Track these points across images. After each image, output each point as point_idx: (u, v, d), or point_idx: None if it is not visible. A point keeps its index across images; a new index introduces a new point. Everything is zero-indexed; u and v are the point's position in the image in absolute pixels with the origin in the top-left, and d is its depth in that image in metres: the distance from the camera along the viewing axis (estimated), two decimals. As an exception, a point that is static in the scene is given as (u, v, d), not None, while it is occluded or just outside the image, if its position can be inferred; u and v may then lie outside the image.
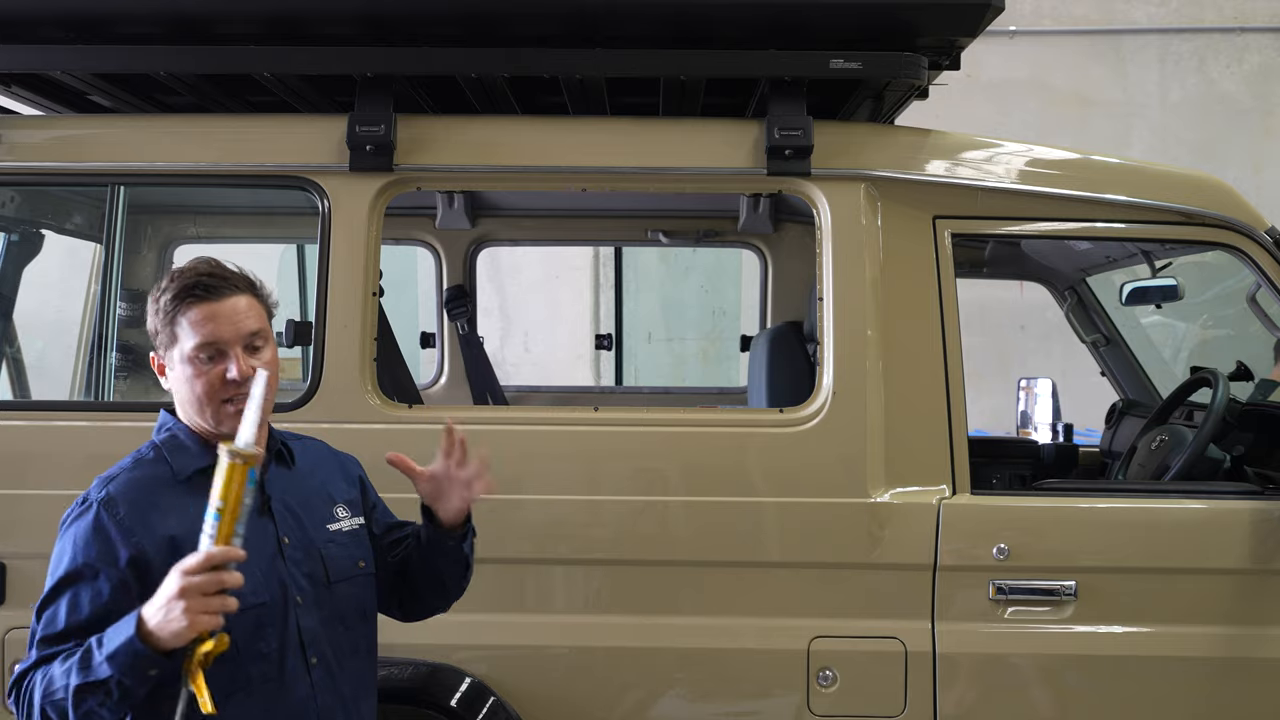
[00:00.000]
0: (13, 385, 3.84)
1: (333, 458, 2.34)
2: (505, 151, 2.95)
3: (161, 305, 2.09)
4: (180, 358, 2.07)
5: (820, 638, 2.83)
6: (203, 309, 2.06)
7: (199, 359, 2.06)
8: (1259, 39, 8.24)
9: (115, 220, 3.29)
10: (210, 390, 2.06)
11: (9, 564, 2.85)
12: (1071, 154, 3.07)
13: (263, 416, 1.96)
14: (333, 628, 2.16)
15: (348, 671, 2.18)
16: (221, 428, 2.08)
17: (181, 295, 2.07)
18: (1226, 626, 2.85)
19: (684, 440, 2.87)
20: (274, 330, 2.18)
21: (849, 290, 2.87)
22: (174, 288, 2.08)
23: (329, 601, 2.16)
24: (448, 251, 4.66)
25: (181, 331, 2.06)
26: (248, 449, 1.88)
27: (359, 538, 2.24)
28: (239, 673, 2.04)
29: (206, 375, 2.06)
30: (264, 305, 2.15)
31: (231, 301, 2.08)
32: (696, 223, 4.58)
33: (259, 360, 2.08)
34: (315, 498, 2.22)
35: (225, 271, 2.12)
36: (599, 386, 7.69)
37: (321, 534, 2.19)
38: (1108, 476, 4.00)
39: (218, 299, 2.07)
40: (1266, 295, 2.96)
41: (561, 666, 2.86)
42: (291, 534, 2.14)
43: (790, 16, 2.76)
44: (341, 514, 2.24)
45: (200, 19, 2.80)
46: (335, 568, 2.17)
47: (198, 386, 2.06)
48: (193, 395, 2.07)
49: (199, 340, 2.05)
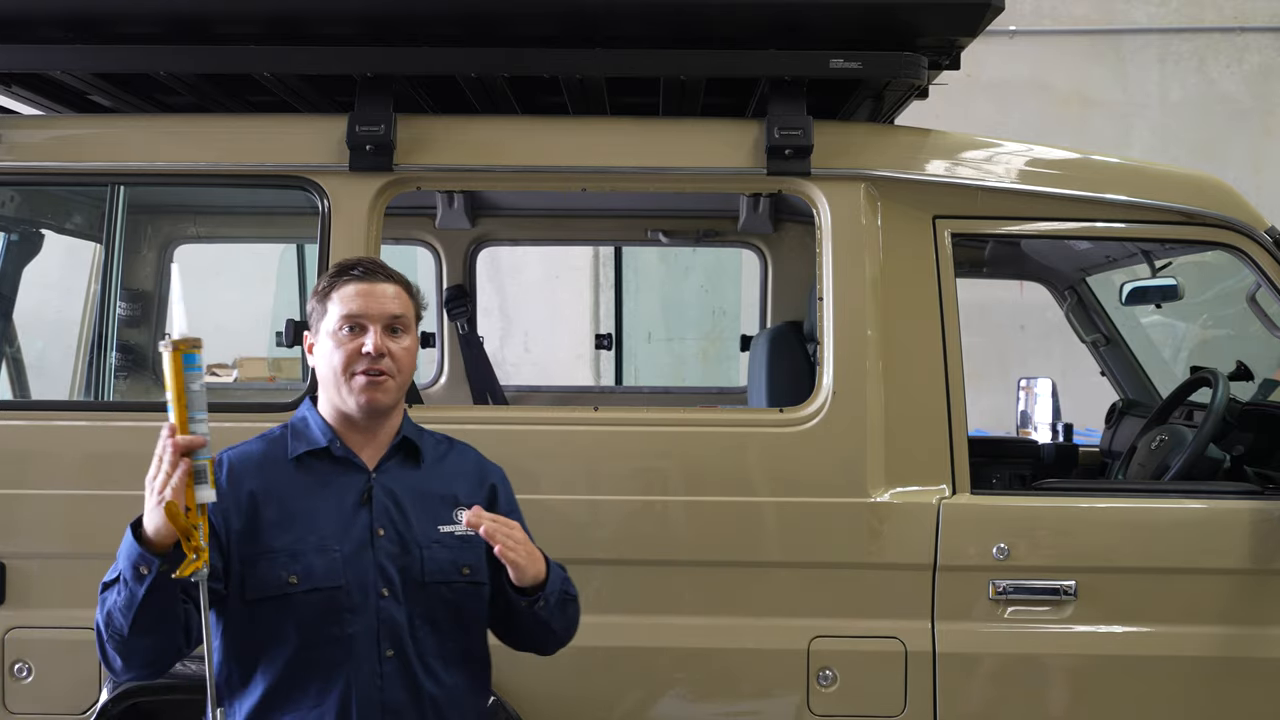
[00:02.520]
0: (13, 385, 3.84)
1: (475, 464, 2.36)
2: (505, 151, 2.95)
3: (320, 286, 2.25)
4: (326, 332, 2.20)
5: (820, 637, 2.83)
6: (356, 287, 2.20)
7: (341, 331, 2.17)
8: (1259, 39, 8.24)
9: (115, 220, 3.29)
10: (346, 360, 2.17)
11: (9, 564, 2.85)
12: (1071, 154, 3.07)
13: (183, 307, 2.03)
14: (420, 627, 2.19)
15: (433, 674, 2.19)
16: (352, 400, 2.18)
17: (339, 274, 2.23)
18: (1226, 626, 2.85)
19: (684, 440, 2.87)
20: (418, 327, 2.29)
21: (849, 290, 2.87)
22: (334, 269, 2.25)
23: (420, 599, 2.19)
24: (448, 251, 4.66)
25: (332, 306, 2.20)
26: (177, 337, 1.94)
27: (471, 544, 2.22)
28: (307, 652, 2.12)
29: (346, 346, 2.17)
30: (414, 302, 2.27)
31: (383, 286, 2.21)
32: (696, 223, 4.58)
33: (397, 344, 2.19)
34: (434, 497, 2.25)
35: (384, 266, 2.27)
36: (599, 386, 7.69)
37: (430, 533, 2.21)
38: (1108, 476, 4.00)
39: (371, 280, 2.21)
40: (1266, 295, 2.96)
41: (561, 666, 2.84)
42: (389, 527, 2.19)
43: (790, 16, 2.76)
44: (457, 516, 2.24)
45: (200, 19, 2.80)
46: (432, 568, 2.19)
47: (336, 357, 2.17)
48: (329, 367, 2.19)
49: (345, 312, 2.18)
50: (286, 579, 2.12)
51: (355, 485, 2.20)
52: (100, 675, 2.80)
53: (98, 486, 2.80)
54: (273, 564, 2.12)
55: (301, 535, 2.14)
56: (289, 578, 2.12)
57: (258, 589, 2.12)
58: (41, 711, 2.82)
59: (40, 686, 2.83)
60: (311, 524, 2.16)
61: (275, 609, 2.12)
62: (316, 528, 2.15)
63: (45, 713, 2.82)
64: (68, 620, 2.80)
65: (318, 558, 2.14)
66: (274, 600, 2.12)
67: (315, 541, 2.14)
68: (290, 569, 2.12)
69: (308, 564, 2.13)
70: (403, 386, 2.22)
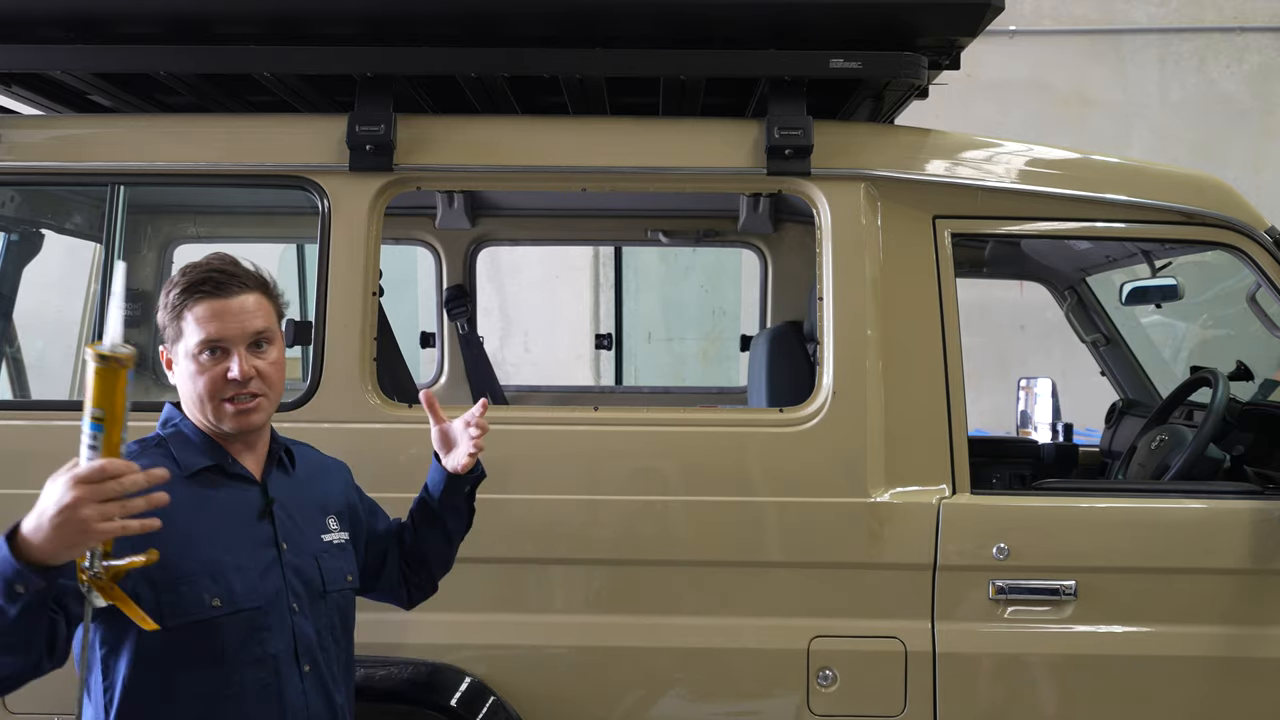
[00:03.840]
0: (13, 385, 3.84)
1: (324, 465, 2.33)
2: (505, 151, 2.95)
3: (170, 300, 2.07)
4: (184, 354, 2.06)
5: (820, 637, 2.83)
6: (209, 305, 2.04)
7: (201, 356, 2.04)
8: (1259, 39, 8.24)
9: (115, 220, 3.29)
10: (212, 388, 2.05)
11: (9, 564, 2.84)
12: (1071, 154, 3.07)
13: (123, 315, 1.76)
14: (325, 637, 2.15)
15: (339, 682, 2.18)
16: (222, 425, 2.08)
17: (189, 291, 2.05)
18: (1226, 626, 2.85)
19: (684, 440, 2.87)
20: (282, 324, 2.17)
21: (849, 290, 2.87)
22: (183, 283, 2.06)
23: (323, 611, 2.15)
24: (448, 251, 4.66)
25: (187, 327, 2.04)
26: (120, 349, 1.69)
27: (347, 552, 2.24)
28: (233, 676, 2.02)
29: (209, 373, 2.04)
30: (274, 304, 2.13)
31: (240, 299, 2.06)
32: (696, 223, 4.58)
33: (263, 360, 2.07)
34: (311, 506, 2.21)
35: (236, 269, 2.09)
36: (599, 386, 7.69)
37: (317, 543, 2.18)
38: (1108, 476, 4.00)
39: (225, 296, 2.05)
40: (1266, 295, 2.96)
41: (561, 666, 2.86)
42: (290, 540, 2.13)
43: (790, 16, 2.76)
44: (332, 525, 2.23)
45: (200, 19, 2.80)
46: (329, 578, 2.17)
47: (200, 384, 2.05)
48: (195, 392, 2.06)
49: (202, 337, 2.03)
50: (210, 602, 2.00)
51: (250, 499, 2.11)
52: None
53: (98, 486, 2.79)
54: (194, 586, 1.99)
55: (216, 555, 2.01)
56: (212, 600, 2.00)
57: (178, 614, 1.97)
58: (42, 711, 2.82)
59: (40, 686, 2.81)
60: (222, 542, 2.04)
61: (197, 633, 1.99)
62: (230, 546, 2.04)
63: (46, 712, 2.82)
64: (68, 620, 2.80)
65: (236, 577, 2.03)
66: (197, 625, 1.99)
67: (231, 561, 2.03)
68: (212, 591, 2.00)
69: (228, 585, 2.02)
70: (276, 399, 2.12)
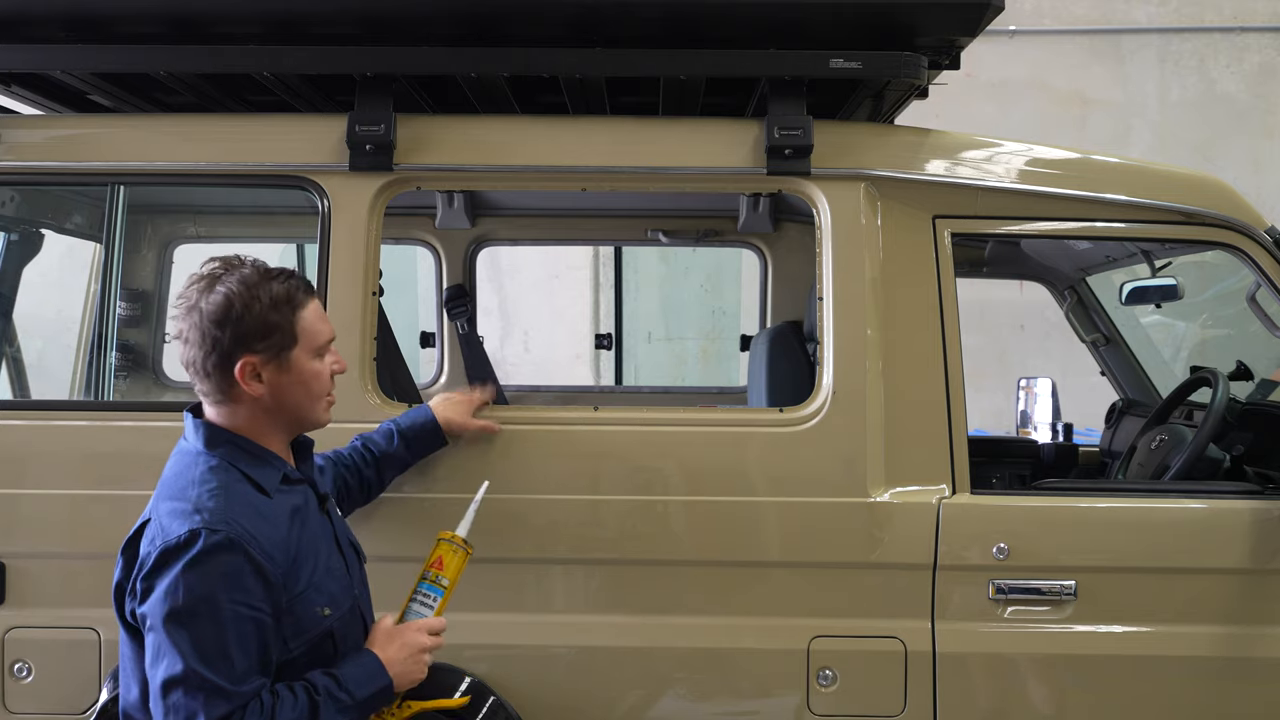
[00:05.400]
0: (13, 385, 3.84)
1: None
2: (505, 151, 2.95)
3: (266, 305, 1.97)
4: (305, 355, 2.02)
5: (820, 637, 2.83)
6: (317, 305, 2.06)
7: (326, 355, 2.07)
8: (1259, 39, 8.24)
9: (115, 220, 3.29)
10: (327, 385, 2.08)
11: (9, 564, 2.85)
12: (1071, 154, 3.07)
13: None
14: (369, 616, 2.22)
15: None
16: (319, 420, 2.10)
17: (295, 291, 2.01)
18: (1226, 626, 2.85)
19: (684, 440, 2.87)
20: None
21: (849, 290, 2.87)
22: (278, 287, 1.99)
23: (364, 590, 2.22)
24: (447, 251, 4.66)
25: (307, 328, 2.02)
26: (467, 542, 2.25)
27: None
28: None
29: (329, 370, 2.08)
30: None
31: None
32: (696, 222, 4.58)
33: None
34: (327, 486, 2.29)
35: None
36: (599, 386, 7.69)
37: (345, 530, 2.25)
38: (1108, 476, 4.00)
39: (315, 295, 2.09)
40: (1266, 295, 2.96)
41: (562, 666, 2.86)
42: (340, 528, 2.19)
43: (790, 16, 2.76)
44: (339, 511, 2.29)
45: (200, 19, 2.80)
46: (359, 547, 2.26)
47: (322, 382, 2.06)
48: (312, 393, 2.05)
49: (329, 334, 2.07)
50: (321, 612, 2.02)
51: (310, 499, 2.12)
52: (100, 675, 2.80)
53: (98, 486, 2.80)
54: (306, 604, 2.00)
55: (312, 564, 2.04)
56: (323, 610, 2.03)
57: (299, 634, 1.99)
58: (41, 711, 2.82)
59: (40, 686, 2.83)
60: (310, 550, 2.05)
61: (315, 646, 2.01)
62: (315, 550, 2.06)
63: (45, 712, 2.82)
64: (68, 620, 2.80)
65: (330, 580, 2.06)
66: (314, 639, 2.01)
67: (323, 565, 2.06)
68: (319, 602, 2.03)
69: (329, 590, 2.05)
70: None
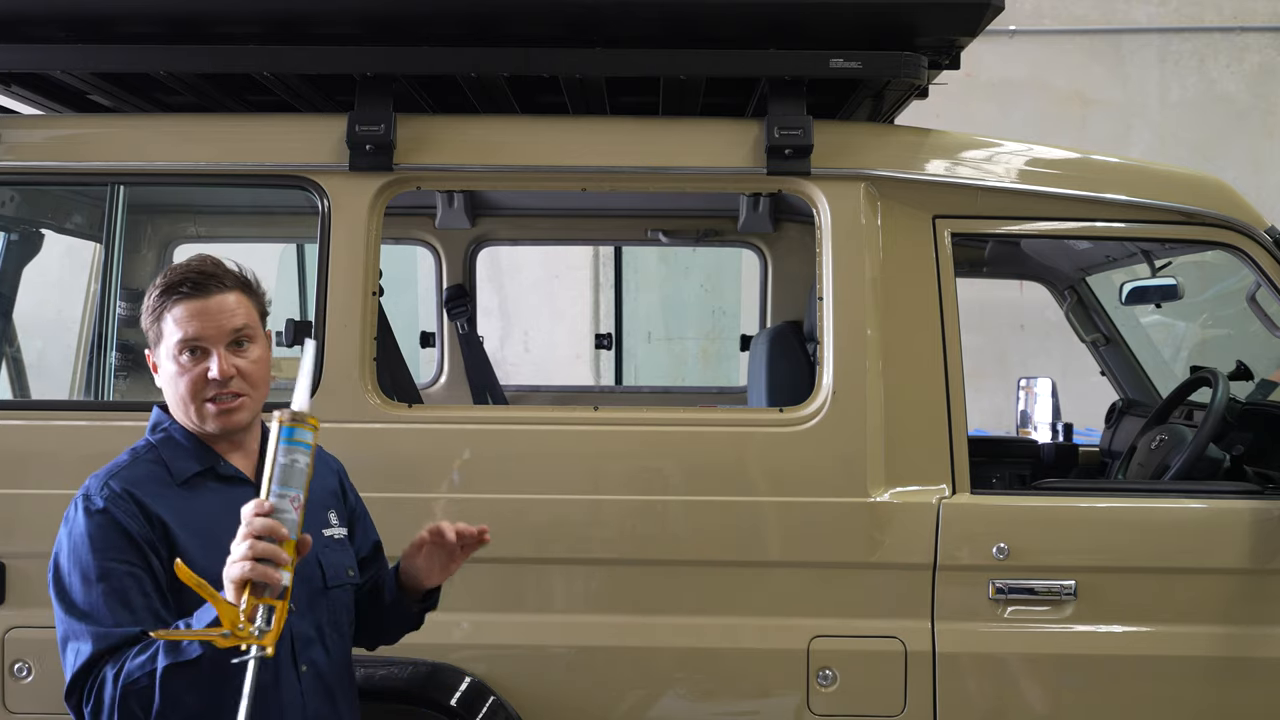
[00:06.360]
0: (13, 385, 3.84)
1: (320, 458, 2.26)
2: (505, 151, 2.95)
3: (150, 303, 2.08)
4: (166, 355, 2.06)
5: (820, 637, 2.83)
6: (188, 306, 2.04)
7: (182, 357, 2.04)
8: (1259, 39, 8.24)
9: (115, 220, 3.29)
10: (193, 388, 2.05)
11: (9, 564, 2.85)
12: (1071, 154, 3.07)
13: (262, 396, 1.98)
14: (326, 634, 2.14)
15: (341, 680, 2.16)
16: (205, 426, 2.07)
17: (168, 292, 2.05)
18: (1226, 626, 2.85)
19: (684, 440, 2.87)
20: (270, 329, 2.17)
21: (849, 290, 2.87)
22: (162, 285, 2.07)
23: (324, 607, 2.14)
24: (448, 251, 4.66)
25: (166, 329, 2.05)
26: (296, 411, 1.91)
27: (346, 547, 2.23)
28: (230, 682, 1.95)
29: (190, 373, 2.04)
30: (256, 302, 2.13)
31: (218, 299, 2.05)
32: (696, 222, 4.58)
33: (245, 359, 2.06)
34: (313, 500, 2.17)
35: (216, 269, 2.09)
36: (599, 386, 7.69)
37: (318, 538, 2.15)
38: (1108, 476, 4.00)
39: (204, 296, 2.04)
40: (1266, 295, 2.96)
41: (561, 666, 2.86)
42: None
43: (790, 16, 2.76)
44: (332, 520, 2.23)
45: (200, 19, 2.80)
46: (330, 573, 2.16)
47: (181, 384, 2.05)
48: (177, 393, 2.07)
49: (181, 337, 2.04)
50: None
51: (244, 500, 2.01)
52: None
53: (98, 486, 2.80)
54: (191, 598, 1.91)
55: (209, 563, 1.95)
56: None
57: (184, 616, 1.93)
58: (41, 711, 2.82)
59: (40, 686, 2.83)
60: (215, 549, 1.96)
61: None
62: (224, 552, 1.95)
63: (45, 712, 2.82)
64: (68, 620, 2.80)
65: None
66: None
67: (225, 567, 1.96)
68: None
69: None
70: (261, 398, 2.11)
